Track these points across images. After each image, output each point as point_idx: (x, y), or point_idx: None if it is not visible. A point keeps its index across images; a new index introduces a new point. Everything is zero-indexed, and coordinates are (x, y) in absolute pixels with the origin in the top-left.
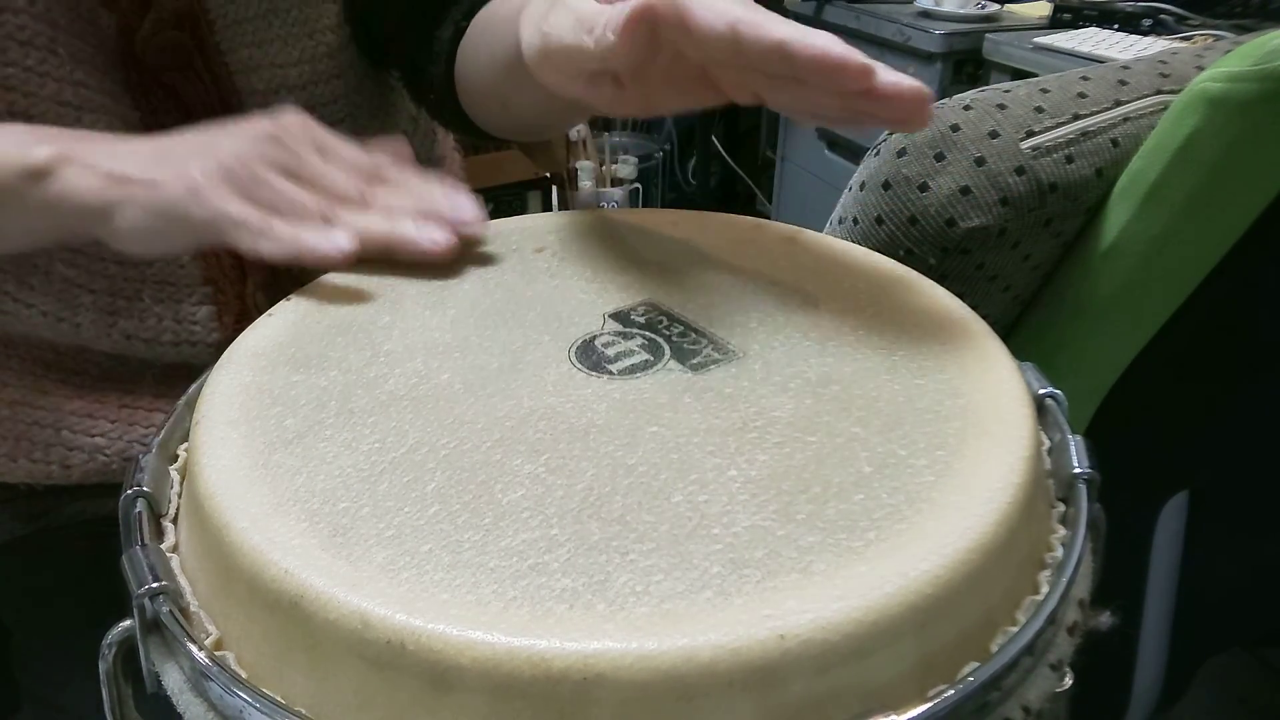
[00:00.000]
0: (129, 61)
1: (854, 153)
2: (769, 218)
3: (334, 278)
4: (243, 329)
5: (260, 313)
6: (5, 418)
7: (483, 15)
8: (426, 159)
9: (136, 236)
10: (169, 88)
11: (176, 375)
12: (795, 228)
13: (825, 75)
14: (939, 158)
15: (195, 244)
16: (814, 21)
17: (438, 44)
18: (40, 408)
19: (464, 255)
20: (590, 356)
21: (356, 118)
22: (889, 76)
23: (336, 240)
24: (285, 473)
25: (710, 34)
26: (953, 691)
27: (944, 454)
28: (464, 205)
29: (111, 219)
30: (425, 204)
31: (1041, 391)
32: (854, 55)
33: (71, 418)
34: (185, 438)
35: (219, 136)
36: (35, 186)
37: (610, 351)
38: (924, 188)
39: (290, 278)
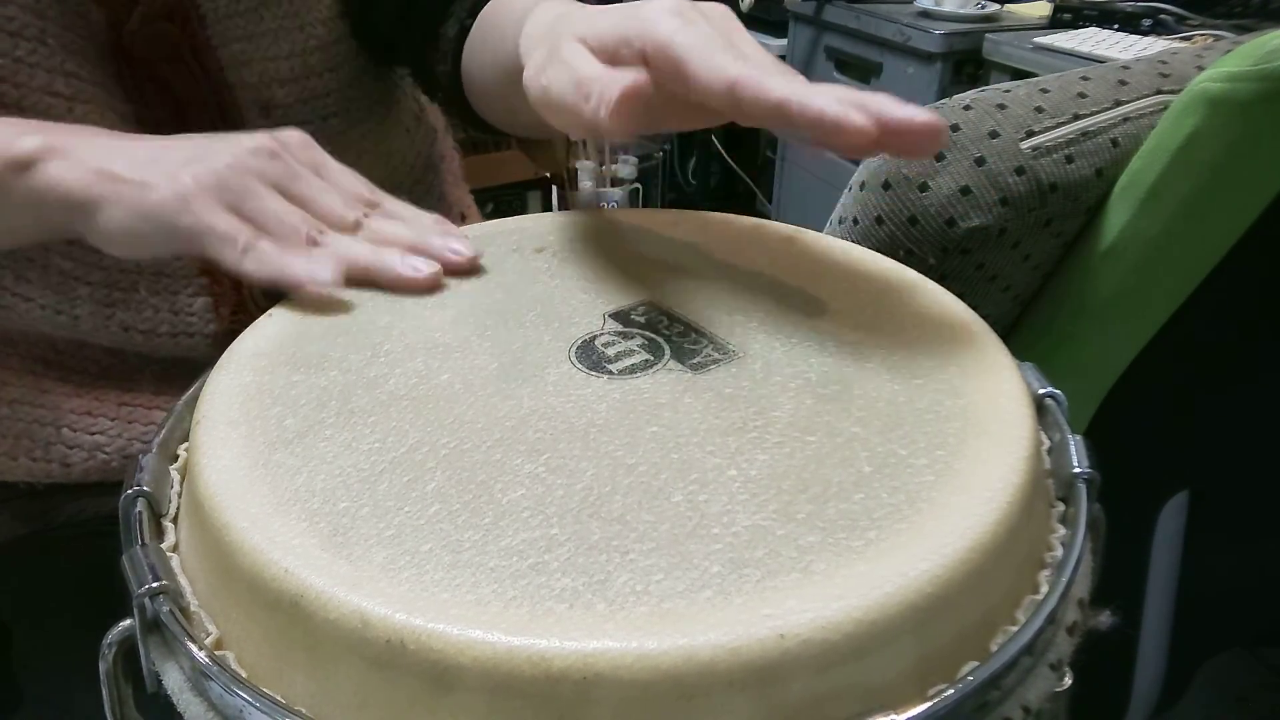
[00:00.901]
0: (119, 54)
1: None
2: (769, 218)
3: None
4: (239, 320)
5: (256, 304)
6: (5, 416)
7: (487, 14)
8: (427, 157)
9: (119, 237)
10: (160, 80)
11: (175, 373)
12: (795, 228)
13: (825, 135)
14: (939, 158)
15: (178, 251)
16: (814, 22)
17: (444, 42)
18: (40, 406)
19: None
20: (590, 356)
21: (351, 112)
22: (897, 114)
23: (318, 270)
24: (285, 472)
25: (709, 94)
26: (952, 691)
27: (944, 454)
28: (455, 244)
29: (96, 216)
30: (417, 236)
31: (1041, 391)
32: (851, 116)
33: (71, 416)
34: (185, 437)
35: (216, 144)
36: (20, 177)
37: (610, 351)
38: (924, 188)
39: None
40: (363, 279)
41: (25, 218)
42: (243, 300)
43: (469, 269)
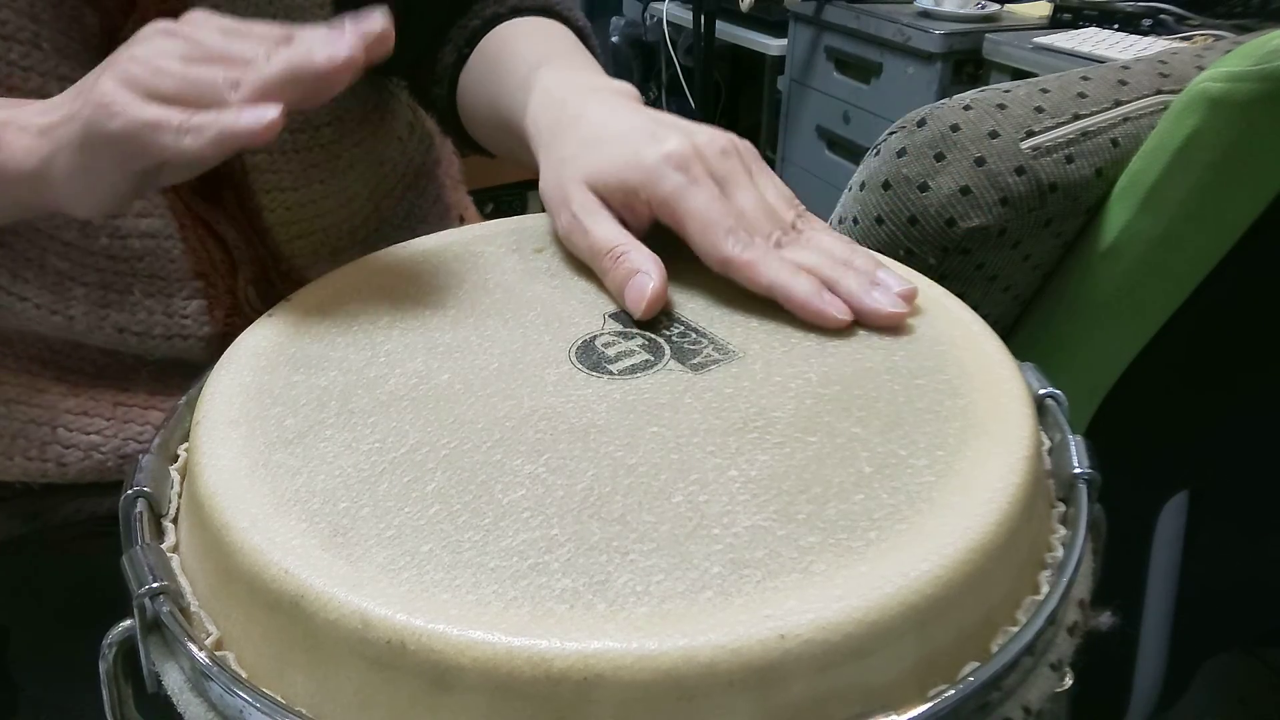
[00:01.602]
0: None
1: (854, 153)
2: None
3: (334, 278)
4: (233, 323)
5: (251, 307)
6: (0, 415)
7: (487, 48)
8: (423, 163)
9: (74, 185)
10: None
11: (171, 373)
12: None
13: (809, 320)
14: (939, 158)
15: (129, 171)
16: (814, 22)
17: (440, 66)
18: (36, 405)
19: (464, 255)
20: (590, 357)
21: (344, 121)
22: (867, 304)
23: (260, 115)
24: (285, 473)
25: (704, 260)
26: (953, 691)
27: (944, 454)
28: (370, 18)
29: (52, 174)
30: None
31: (1041, 391)
32: (828, 312)
33: (67, 416)
34: (186, 438)
35: (119, 50)
36: None
37: (610, 352)
38: (924, 188)
39: (280, 273)
40: (295, 92)
41: (4, 203)
42: (237, 303)
43: (384, 39)
